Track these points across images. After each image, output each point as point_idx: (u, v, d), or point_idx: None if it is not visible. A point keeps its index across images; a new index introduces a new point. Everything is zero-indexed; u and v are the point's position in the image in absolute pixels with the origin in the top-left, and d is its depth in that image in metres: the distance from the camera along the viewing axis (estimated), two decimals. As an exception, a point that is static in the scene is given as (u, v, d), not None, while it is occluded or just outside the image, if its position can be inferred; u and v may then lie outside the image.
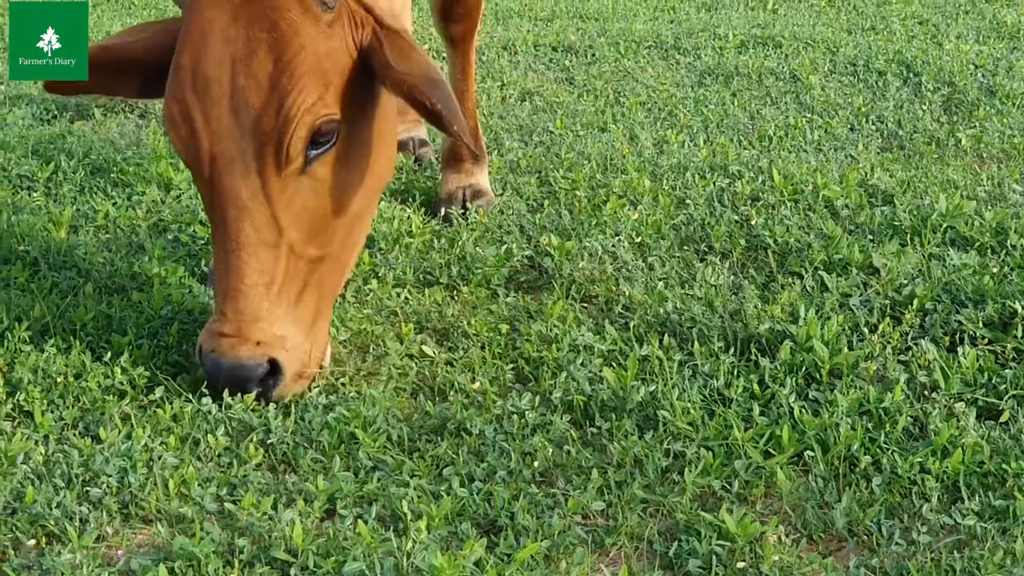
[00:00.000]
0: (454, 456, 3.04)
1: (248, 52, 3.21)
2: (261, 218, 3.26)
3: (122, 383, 3.38)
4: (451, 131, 3.26)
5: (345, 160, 3.37)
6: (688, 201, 4.59)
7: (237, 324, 3.24)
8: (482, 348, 3.62)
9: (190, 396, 3.34)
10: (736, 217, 4.42)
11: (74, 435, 3.15)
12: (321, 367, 3.44)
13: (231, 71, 3.22)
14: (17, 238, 4.35)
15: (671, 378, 3.32)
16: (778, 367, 3.35)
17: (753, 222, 4.34)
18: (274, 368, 3.27)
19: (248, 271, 3.25)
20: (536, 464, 2.99)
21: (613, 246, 4.21)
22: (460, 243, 4.30)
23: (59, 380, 3.38)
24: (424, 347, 3.62)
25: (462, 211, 4.64)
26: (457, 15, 4.75)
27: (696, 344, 3.49)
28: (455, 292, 4.04)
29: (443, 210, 4.67)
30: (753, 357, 3.43)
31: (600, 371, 3.37)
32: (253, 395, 3.25)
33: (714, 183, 4.78)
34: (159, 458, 3.01)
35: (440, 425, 3.21)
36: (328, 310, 3.49)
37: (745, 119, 5.83)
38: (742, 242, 4.20)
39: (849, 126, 5.71)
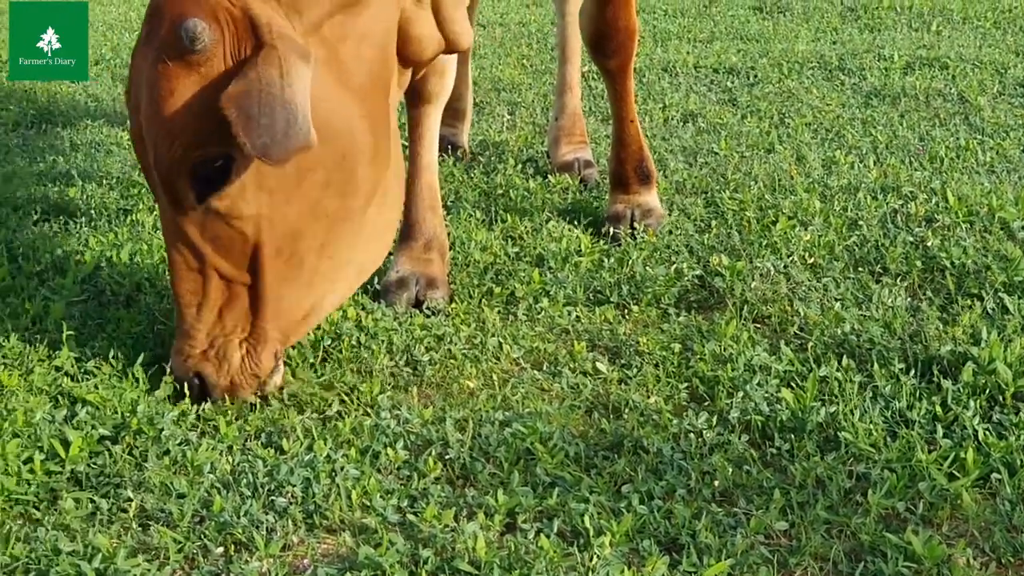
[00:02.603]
0: (632, 473, 3.04)
1: (139, 98, 3.32)
2: (183, 246, 3.38)
3: (303, 395, 3.45)
4: (237, 138, 3.11)
5: (258, 187, 3.33)
6: (861, 222, 4.54)
7: (178, 342, 3.44)
8: (655, 366, 3.62)
9: (368, 410, 3.39)
10: (911, 238, 4.36)
11: (257, 445, 3.21)
12: (265, 384, 3.48)
13: (137, 110, 3.34)
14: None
15: (852, 399, 3.28)
16: (961, 389, 3.29)
17: (929, 243, 4.28)
18: (203, 382, 3.42)
19: (182, 292, 3.41)
20: (716, 483, 2.96)
21: (785, 266, 4.18)
22: (629, 262, 4.30)
23: (241, 392, 3.46)
24: (598, 364, 3.62)
25: (630, 231, 4.64)
26: (610, 50, 4.71)
27: (876, 366, 3.44)
28: (626, 311, 4.04)
29: (611, 229, 4.67)
30: (935, 379, 3.37)
31: (777, 391, 3.34)
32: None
33: (887, 204, 4.72)
34: (341, 469, 3.05)
35: (616, 442, 3.20)
36: (273, 339, 3.47)
37: (915, 140, 5.75)
38: (918, 263, 4.14)
39: (1021, 148, 5.60)
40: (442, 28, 3.85)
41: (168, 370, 3.46)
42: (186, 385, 3.42)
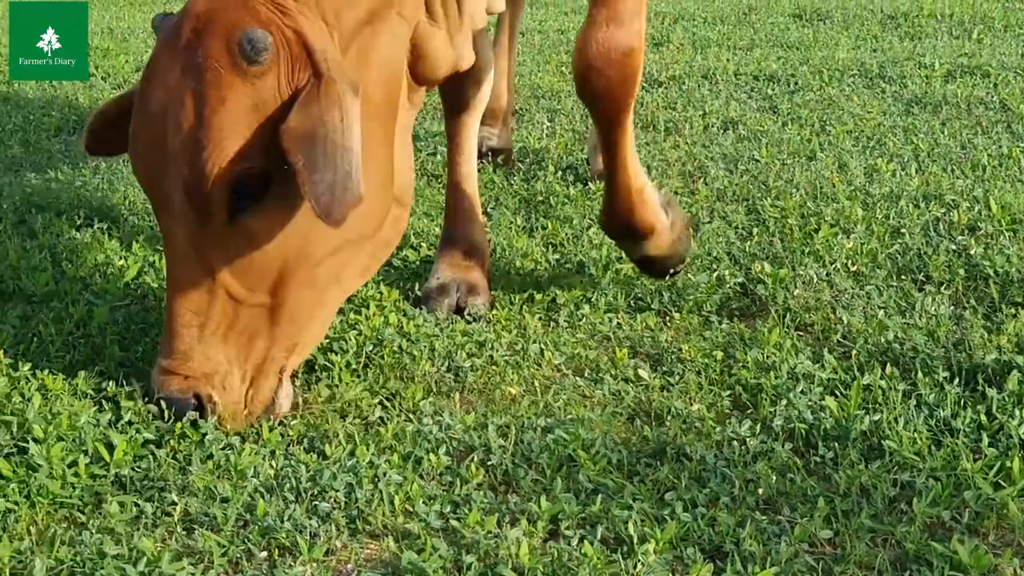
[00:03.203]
0: (675, 481, 3.03)
1: (178, 101, 3.16)
2: (193, 263, 3.25)
3: (345, 401, 3.46)
4: (303, 190, 3.05)
5: (288, 210, 3.25)
6: (903, 230, 4.53)
7: (171, 363, 3.26)
8: (697, 374, 3.61)
9: (410, 416, 3.40)
10: (954, 247, 4.34)
11: (300, 450, 3.21)
12: (275, 412, 3.39)
13: (164, 119, 3.19)
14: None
15: (896, 408, 3.26)
16: (1006, 398, 3.27)
17: (972, 252, 4.26)
18: (201, 403, 3.27)
19: (181, 312, 3.26)
20: (760, 491, 2.95)
21: (828, 274, 4.16)
22: (671, 269, 4.29)
23: (284, 397, 3.48)
24: (640, 371, 3.61)
25: None
26: (596, 89, 3.85)
27: (920, 374, 3.42)
28: (667, 318, 4.04)
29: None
30: (980, 388, 3.35)
31: (821, 399, 3.33)
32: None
33: (929, 212, 4.70)
34: (384, 475, 3.05)
35: (659, 450, 3.20)
36: (283, 359, 3.39)
37: (957, 148, 5.72)
38: (961, 272, 4.13)
39: (1065, 156, 5.57)
40: None
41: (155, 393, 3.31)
42: (175, 409, 3.26)
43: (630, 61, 3.77)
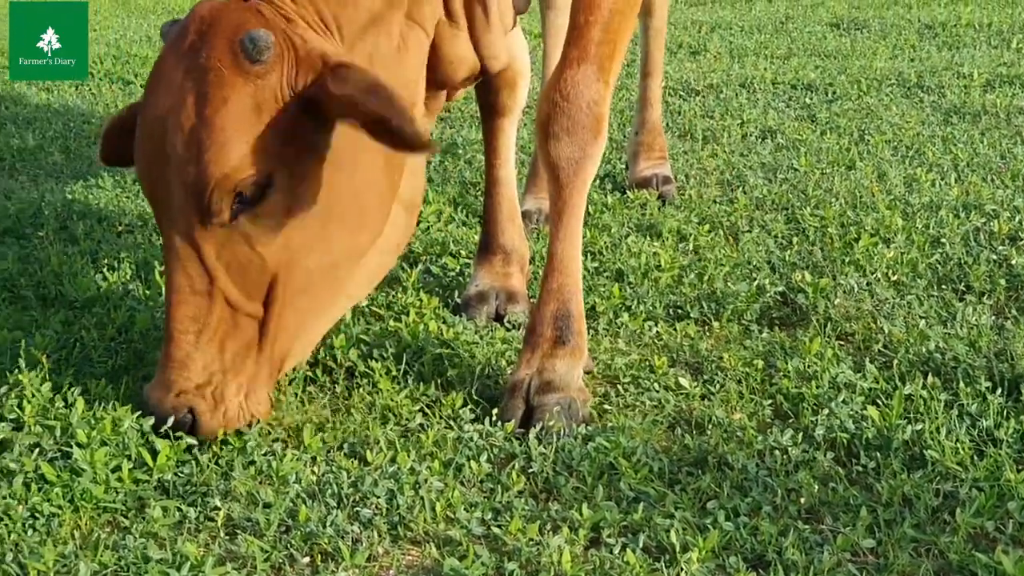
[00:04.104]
0: (717, 490, 3.02)
1: (180, 103, 3.15)
2: (192, 266, 3.22)
3: (385, 407, 3.46)
4: (392, 127, 3.08)
5: (287, 216, 3.24)
6: (943, 240, 4.51)
7: (166, 372, 3.23)
8: (738, 383, 3.60)
9: (451, 423, 3.40)
10: (995, 256, 4.33)
11: (341, 456, 3.22)
12: (249, 424, 3.33)
13: (166, 119, 3.17)
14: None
15: (938, 417, 3.25)
16: (1050, 409, 3.26)
17: (1013, 262, 4.24)
18: (195, 417, 3.24)
19: (179, 317, 3.23)
20: (802, 500, 2.94)
21: (869, 284, 4.15)
22: (710, 278, 4.29)
23: (325, 404, 3.50)
24: (680, 380, 3.61)
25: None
26: (557, 128, 3.52)
27: (961, 384, 3.41)
28: (707, 327, 4.03)
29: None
30: (1022, 398, 3.34)
31: (863, 409, 3.32)
32: None
33: (969, 222, 4.68)
34: (425, 481, 3.06)
35: (700, 458, 3.19)
36: (272, 373, 3.37)
37: (996, 158, 5.70)
38: (1002, 282, 4.11)
39: (1106, 166, 5.54)
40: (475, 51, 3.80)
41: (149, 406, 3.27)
42: (172, 420, 3.23)
43: (597, 112, 3.50)
